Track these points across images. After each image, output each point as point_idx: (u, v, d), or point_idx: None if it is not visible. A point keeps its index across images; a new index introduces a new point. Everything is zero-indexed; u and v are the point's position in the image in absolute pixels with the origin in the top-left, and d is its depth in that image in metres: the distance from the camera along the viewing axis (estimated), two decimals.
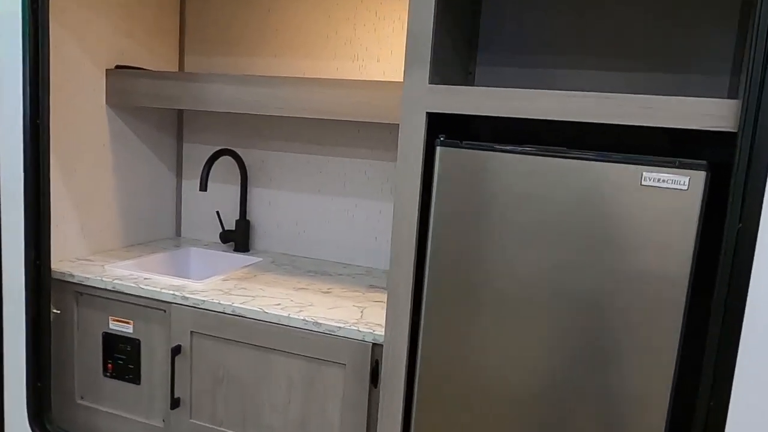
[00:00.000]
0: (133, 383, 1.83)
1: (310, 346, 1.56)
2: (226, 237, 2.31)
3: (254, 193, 2.32)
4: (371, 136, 2.13)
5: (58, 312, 1.83)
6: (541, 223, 1.27)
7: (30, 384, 1.76)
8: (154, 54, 2.22)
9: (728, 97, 1.63)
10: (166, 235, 2.42)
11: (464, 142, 1.31)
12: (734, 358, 1.12)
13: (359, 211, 2.18)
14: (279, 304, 1.65)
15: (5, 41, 1.64)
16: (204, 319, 1.67)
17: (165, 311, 1.75)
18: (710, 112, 1.14)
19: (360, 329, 1.51)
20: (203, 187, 2.04)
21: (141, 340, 1.80)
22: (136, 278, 1.81)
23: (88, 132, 2.01)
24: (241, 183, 2.28)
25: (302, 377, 1.59)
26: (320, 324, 1.55)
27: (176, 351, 1.70)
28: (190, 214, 2.45)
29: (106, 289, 1.80)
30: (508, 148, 1.27)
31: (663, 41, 1.62)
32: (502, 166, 1.29)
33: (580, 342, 1.27)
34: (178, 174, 2.44)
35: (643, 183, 1.19)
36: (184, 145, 2.41)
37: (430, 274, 1.37)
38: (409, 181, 1.36)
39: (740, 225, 1.10)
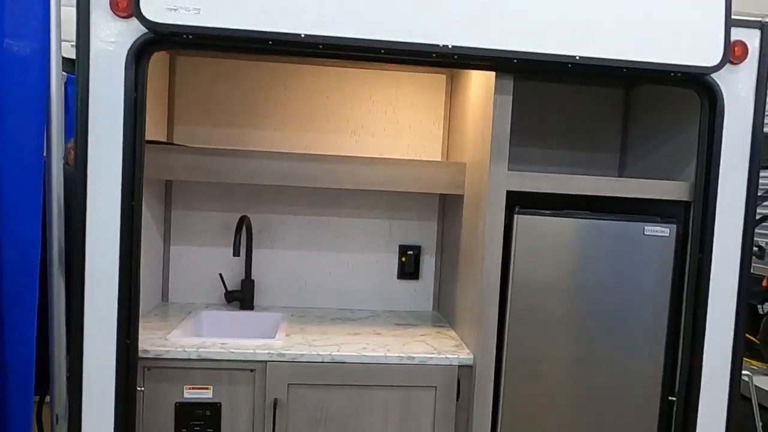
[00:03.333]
0: None
1: (406, 377, 1.92)
2: (231, 297, 2.44)
3: (254, 254, 2.50)
4: (368, 200, 2.53)
5: (143, 389, 1.82)
6: (583, 260, 1.90)
7: None
8: (149, 125, 2.28)
9: (619, 168, 2.52)
10: (156, 302, 2.42)
11: (536, 210, 1.88)
12: (703, 331, 1.88)
13: (359, 263, 2.55)
14: (365, 348, 1.97)
15: (105, 124, 1.67)
16: (302, 371, 1.89)
17: (253, 370, 1.90)
18: (678, 189, 1.91)
19: (448, 356, 1.94)
20: (236, 252, 2.20)
21: (222, 402, 1.90)
22: (211, 344, 1.91)
23: None
24: (247, 245, 2.45)
25: (398, 404, 1.93)
26: (414, 357, 1.92)
27: (274, 405, 1.88)
28: (177, 279, 2.49)
29: (187, 359, 1.86)
30: (571, 213, 1.88)
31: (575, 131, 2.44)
32: (555, 226, 1.89)
33: (608, 331, 1.93)
34: (166, 240, 2.47)
35: (645, 233, 1.91)
36: (173, 212, 2.46)
37: (512, 304, 1.89)
38: (495, 238, 1.87)
39: (700, 255, 1.88)
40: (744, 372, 1.99)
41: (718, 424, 1.92)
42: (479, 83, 2.06)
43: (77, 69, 1.66)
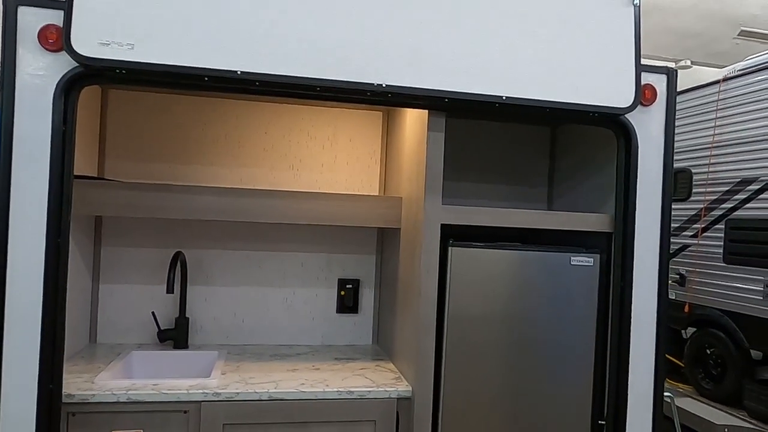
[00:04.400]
0: None
1: (345, 412, 1.91)
2: (164, 336, 2.36)
3: (188, 290, 2.44)
4: (307, 234, 2.54)
5: None
6: (514, 290, 1.97)
7: None
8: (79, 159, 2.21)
9: (548, 201, 2.65)
10: (83, 343, 2.31)
11: (469, 243, 1.94)
12: (628, 355, 1.98)
13: (297, 298, 2.53)
14: (303, 384, 1.94)
15: (30, 158, 1.61)
16: (239, 410, 1.84)
17: (186, 412, 1.83)
18: (600, 221, 2.03)
19: (386, 389, 1.94)
20: (170, 289, 2.14)
21: None
22: (142, 386, 1.84)
23: None
24: (181, 282, 2.39)
25: None
26: (353, 391, 1.92)
27: None
28: (106, 318, 2.39)
29: (116, 402, 1.78)
30: (502, 245, 1.96)
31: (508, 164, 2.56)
32: (487, 257, 1.96)
33: (540, 359, 2.00)
34: (95, 278, 2.37)
35: (571, 263, 2.01)
36: (103, 248, 2.38)
37: (448, 335, 1.93)
38: (431, 271, 1.91)
39: (622, 283, 1.99)
40: (666, 393, 2.10)
41: None
42: (414, 120, 2.13)
43: (2, 101, 1.61)
